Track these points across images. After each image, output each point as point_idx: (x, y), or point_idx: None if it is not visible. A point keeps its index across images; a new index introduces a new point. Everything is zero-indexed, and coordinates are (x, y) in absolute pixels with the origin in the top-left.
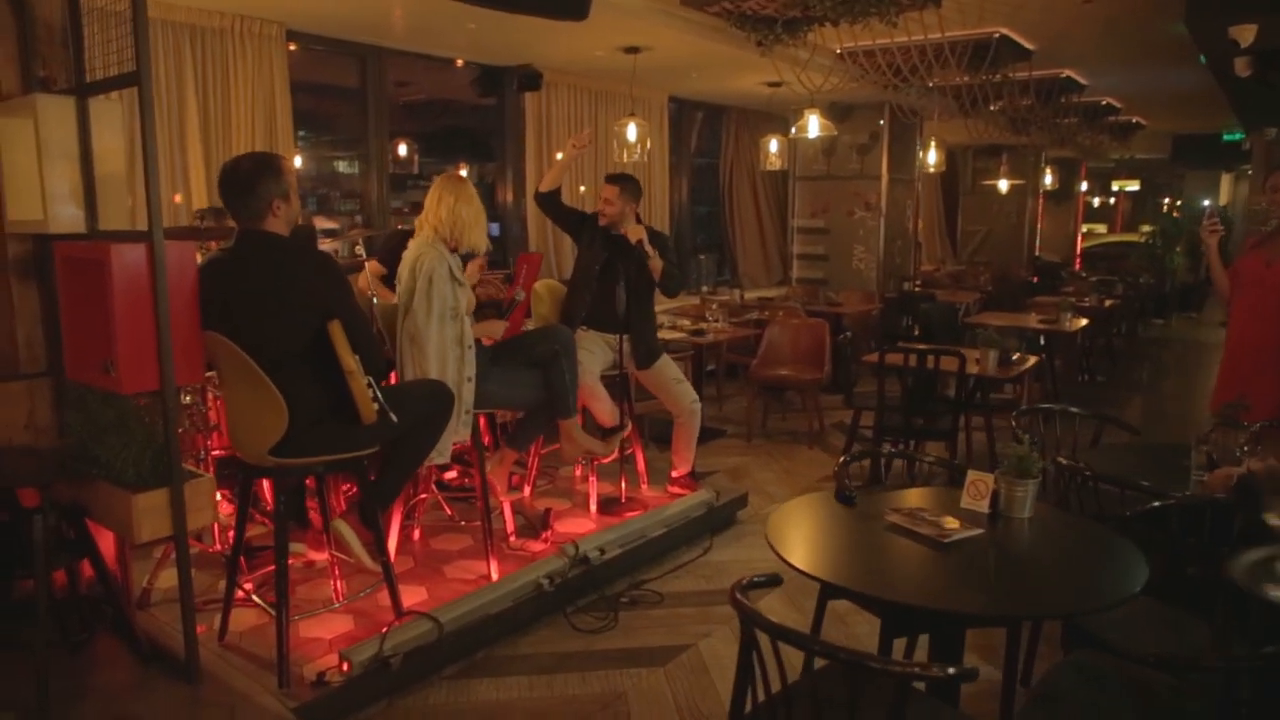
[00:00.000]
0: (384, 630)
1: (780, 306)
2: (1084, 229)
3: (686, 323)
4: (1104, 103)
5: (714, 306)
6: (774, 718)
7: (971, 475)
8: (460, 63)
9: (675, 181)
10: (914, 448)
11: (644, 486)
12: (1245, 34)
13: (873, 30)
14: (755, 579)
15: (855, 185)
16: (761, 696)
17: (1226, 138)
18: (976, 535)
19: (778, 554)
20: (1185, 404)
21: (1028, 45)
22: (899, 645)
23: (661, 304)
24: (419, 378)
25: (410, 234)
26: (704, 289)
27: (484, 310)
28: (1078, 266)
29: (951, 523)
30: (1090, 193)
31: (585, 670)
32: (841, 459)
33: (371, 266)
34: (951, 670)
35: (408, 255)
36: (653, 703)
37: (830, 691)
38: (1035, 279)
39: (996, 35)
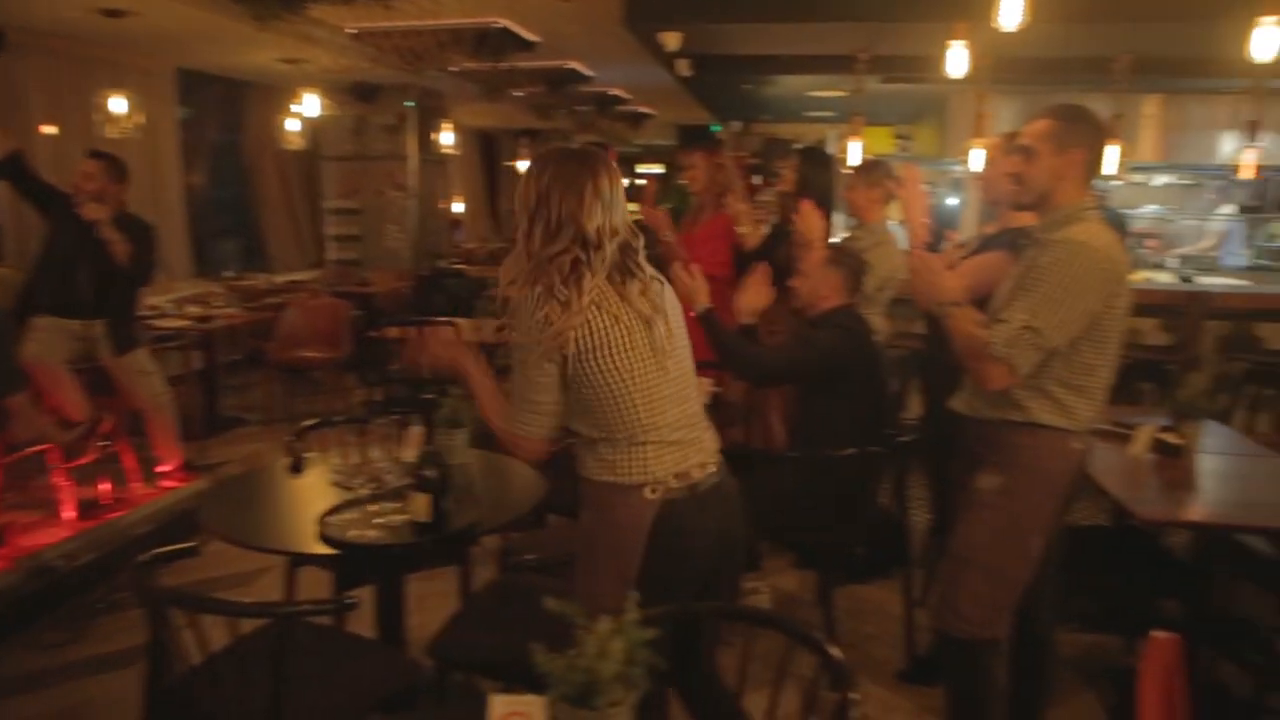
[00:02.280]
0: None
1: (305, 288)
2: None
3: (196, 309)
4: (612, 93)
5: (224, 292)
6: (201, 682)
7: (409, 431)
8: None
9: (191, 161)
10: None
11: (133, 485)
12: (671, 39)
13: (377, 13)
14: (167, 551)
15: (386, 166)
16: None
17: (713, 129)
18: (410, 483)
19: (215, 531)
20: None
21: (529, 37)
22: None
23: (173, 292)
24: None
25: None
26: (225, 274)
27: None
28: None
29: (390, 475)
30: (623, 175)
31: (48, 687)
32: (293, 432)
33: None
34: (331, 603)
35: None
36: (116, 705)
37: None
38: None
39: (496, 25)
